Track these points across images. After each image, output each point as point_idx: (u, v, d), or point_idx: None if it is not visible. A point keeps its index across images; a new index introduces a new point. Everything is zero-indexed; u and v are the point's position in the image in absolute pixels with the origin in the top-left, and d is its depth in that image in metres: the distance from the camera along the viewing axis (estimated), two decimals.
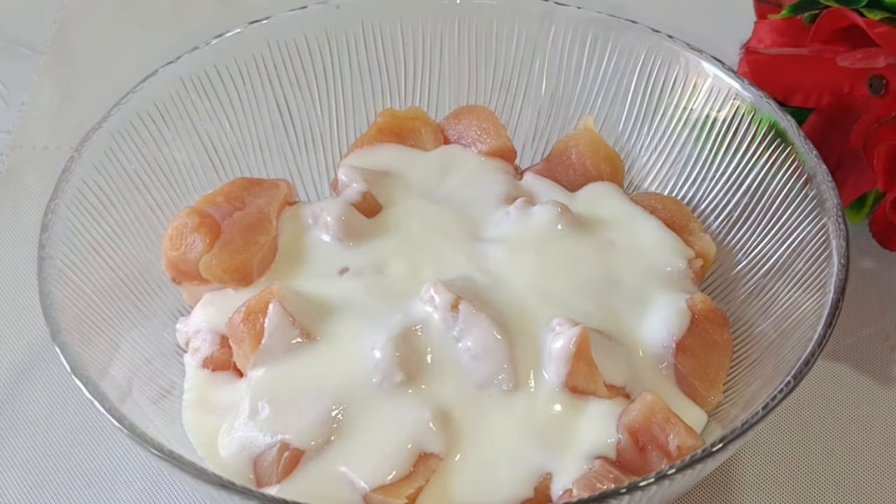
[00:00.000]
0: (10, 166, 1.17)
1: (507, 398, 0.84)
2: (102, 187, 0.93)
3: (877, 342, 1.01)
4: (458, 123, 1.03)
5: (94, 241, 0.91)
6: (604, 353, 0.85)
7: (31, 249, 0.87)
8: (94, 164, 0.93)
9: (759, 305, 0.92)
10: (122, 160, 0.95)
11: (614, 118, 1.05)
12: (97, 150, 0.93)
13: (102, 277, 0.91)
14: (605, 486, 0.79)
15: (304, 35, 1.04)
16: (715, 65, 0.99)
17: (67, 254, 0.88)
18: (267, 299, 0.87)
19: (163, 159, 0.98)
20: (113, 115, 0.95)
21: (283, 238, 0.94)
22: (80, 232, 0.90)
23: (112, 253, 0.92)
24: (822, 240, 0.88)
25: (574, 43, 1.05)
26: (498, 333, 0.85)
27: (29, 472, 0.93)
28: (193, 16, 1.33)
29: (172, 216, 0.95)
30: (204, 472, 0.75)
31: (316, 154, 1.06)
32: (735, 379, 0.89)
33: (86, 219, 0.91)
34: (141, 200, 0.96)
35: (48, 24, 1.31)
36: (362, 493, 0.80)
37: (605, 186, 0.99)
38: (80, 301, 0.87)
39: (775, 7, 1.08)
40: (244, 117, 1.03)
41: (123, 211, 0.94)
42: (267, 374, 0.86)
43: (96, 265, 0.90)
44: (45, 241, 0.86)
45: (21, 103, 1.23)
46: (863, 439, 0.95)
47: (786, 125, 0.94)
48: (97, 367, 0.82)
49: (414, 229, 0.95)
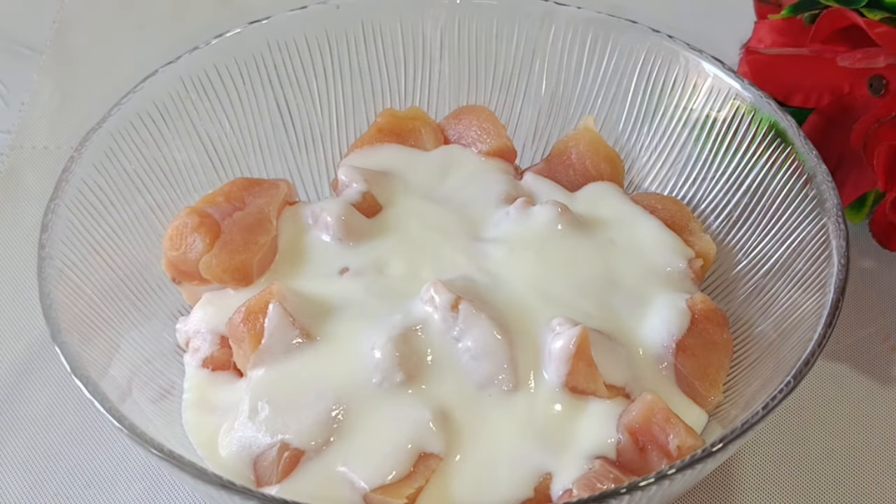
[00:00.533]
0: (10, 166, 1.17)
1: (507, 398, 0.84)
2: (102, 187, 0.93)
3: (877, 342, 1.01)
4: (458, 123, 1.03)
5: (94, 241, 0.91)
6: (604, 353, 0.85)
7: (31, 249, 0.87)
8: (94, 164, 0.93)
9: (759, 305, 0.92)
10: (122, 160, 0.95)
11: (614, 118, 1.05)
12: (97, 150, 0.93)
13: (102, 277, 0.91)
14: (605, 486, 0.79)
15: (304, 35, 1.03)
16: (715, 65, 0.99)
17: (67, 254, 0.88)
18: (267, 299, 0.87)
19: (163, 159, 0.98)
20: (113, 115, 0.95)
21: (283, 238, 0.94)
22: (80, 232, 0.90)
23: (112, 253, 0.92)
24: (822, 240, 0.88)
25: (574, 43, 1.05)
26: (498, 333, 0.85)
27: (29, 472, 0.93)
28: (193, 16, 1.33)
29: (172, 216, 0.95)
30: (204, 472, 0.75)
31: (316, 154, 1.06)
32: (735, 379, 0.89)
33: (86, 219, 0.91)
34: (141, 200, 0.96)
35: (48, 24, 1.31)
36: (362, 493, 0.80)
37: (605, 186, 0.99)
38: (80, 301, 0.87)
39: (775, 7, 1.08)
40: (244, 117, 1.03)
41: (123, 211, 0.94)
42: (267, 374, 0.86)
43: (96, 265, 0.90)
44: (45, 241, 0.86)
45: (21, 103, 1.23)
46: (863, 439, 0.95)
47: (786, 125, 0.94)
48: (97, 367, 0.82)
49: (414, 229, 0.95)
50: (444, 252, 0.92)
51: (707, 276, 0.96)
